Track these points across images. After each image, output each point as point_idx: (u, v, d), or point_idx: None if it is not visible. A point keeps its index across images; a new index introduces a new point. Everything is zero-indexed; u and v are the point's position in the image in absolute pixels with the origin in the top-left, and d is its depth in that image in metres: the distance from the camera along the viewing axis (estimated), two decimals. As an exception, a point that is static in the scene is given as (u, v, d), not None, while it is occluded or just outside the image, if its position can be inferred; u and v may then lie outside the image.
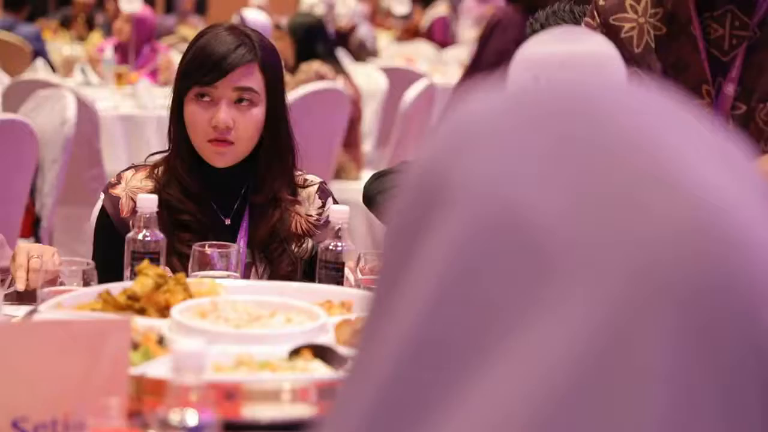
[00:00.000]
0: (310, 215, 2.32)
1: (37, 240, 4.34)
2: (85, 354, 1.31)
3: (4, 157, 3.82)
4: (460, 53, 9.07)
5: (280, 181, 2.28)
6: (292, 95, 4.50)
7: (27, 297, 1.88)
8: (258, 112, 2.24)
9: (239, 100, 2.22)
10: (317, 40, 5.76)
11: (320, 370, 1.52)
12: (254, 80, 2.23)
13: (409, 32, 10.60)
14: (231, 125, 2.20)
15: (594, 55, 1.24)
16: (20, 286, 1.85)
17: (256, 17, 6.06)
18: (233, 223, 2.29)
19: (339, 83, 5.48)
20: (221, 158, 2.24)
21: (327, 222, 2.26)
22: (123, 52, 6.53)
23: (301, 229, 2.30)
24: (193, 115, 2.22)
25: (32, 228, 4.34)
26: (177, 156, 2.26)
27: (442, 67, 8.48)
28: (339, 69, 5.74)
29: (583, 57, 1.25)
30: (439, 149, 0.53)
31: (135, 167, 2.34)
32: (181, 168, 2.25)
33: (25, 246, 2.03)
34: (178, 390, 1.17)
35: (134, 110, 5.39)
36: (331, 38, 6.23)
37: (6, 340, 1.26)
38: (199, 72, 2.21)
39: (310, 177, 2.36)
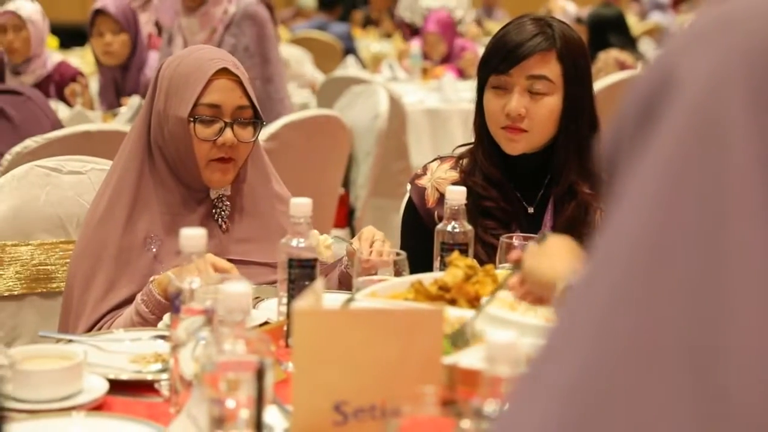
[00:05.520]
0: None
1: (352, 230, 4.51)
2: (400, 342, 1.35)
3: (319, 150, 4.01)
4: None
5: (577, 173, 2.25)
6: (595, 85, 4.44)
7: (369, 271, 1.97)
8: (552, 101, 2.23)
9: (533, 88, 2.22)
10: (611, 32, 5.65)
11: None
12: (549, 69, 2.22)
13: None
14: (523, 113, 2.21)
15: None
16: (365, 255, 1.95)
17: (569, 7, 6.04)
18: (537, 211, 2.29)
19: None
20: (514, 145, 2.25)
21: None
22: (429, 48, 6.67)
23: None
24: (489, 102, 2.25)
25: (347, 219, 4.53)
26: (479, 144, 2.30)
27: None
28: (638, 56, 5.60)
29: None
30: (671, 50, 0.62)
31: (440, 158, 2.39)
32: (483, 155, 2.28)
33: (371, 228, 2.13)
34: (492, 381, 1.18)
35: (439, 104, 5.50)
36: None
37: (330, 326, 1.31)
38: (495, 60, 2.23)
39: None
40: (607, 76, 5.15)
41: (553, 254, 1.62)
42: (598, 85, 4.85)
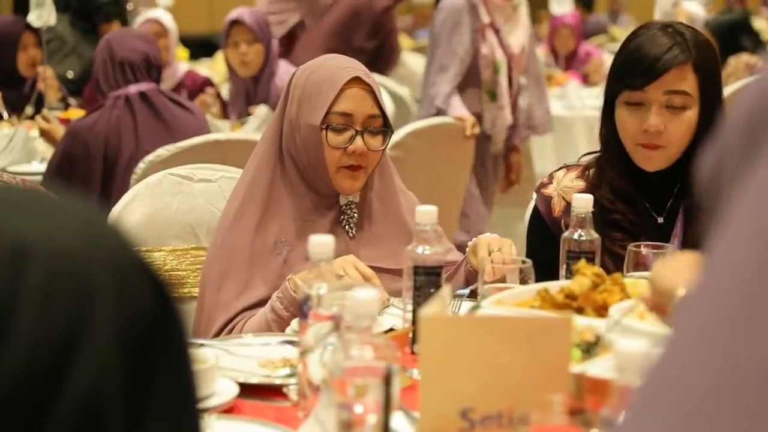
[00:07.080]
0: None
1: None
2: (527, 350, 1.34)
3: (444, 158, 4.01)
4: None
5: None
6: (725, 90, 4.34)
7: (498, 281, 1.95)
8: (690, 115, 2.17)
9: (670, 104, 2.17)
10: (741, 35, 5.52)
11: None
12: (687, 83, 2.16)
13: None
14: (662, 129, 2.16)
15: None
16: (487, 277, 1.94)
17: (696, 11, 5.95)
18: (666, 222, 2.25)
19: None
20: (651, 162, 2.20)
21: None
22: (555, 55, 6.61)
23: None
24: (624, 118, 2.20)
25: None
26: (607, 157, 2.26)
27: None
28: (772, 60, 5.47)
29: None
30: None
31: (567, 167, 2.36)
32: (611, 170, 2.24)
33: (485, 239, 2.12)
34: (622, 390, 1.17)
35: (563, 111, 5.45)
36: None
37: (457, 333, 1.32)
38: (631, 75, 2.18)
39: None
40: (737, 81, 5.03)
41: (679, 265, 1.60)
42: (728, 90, 4.74)
